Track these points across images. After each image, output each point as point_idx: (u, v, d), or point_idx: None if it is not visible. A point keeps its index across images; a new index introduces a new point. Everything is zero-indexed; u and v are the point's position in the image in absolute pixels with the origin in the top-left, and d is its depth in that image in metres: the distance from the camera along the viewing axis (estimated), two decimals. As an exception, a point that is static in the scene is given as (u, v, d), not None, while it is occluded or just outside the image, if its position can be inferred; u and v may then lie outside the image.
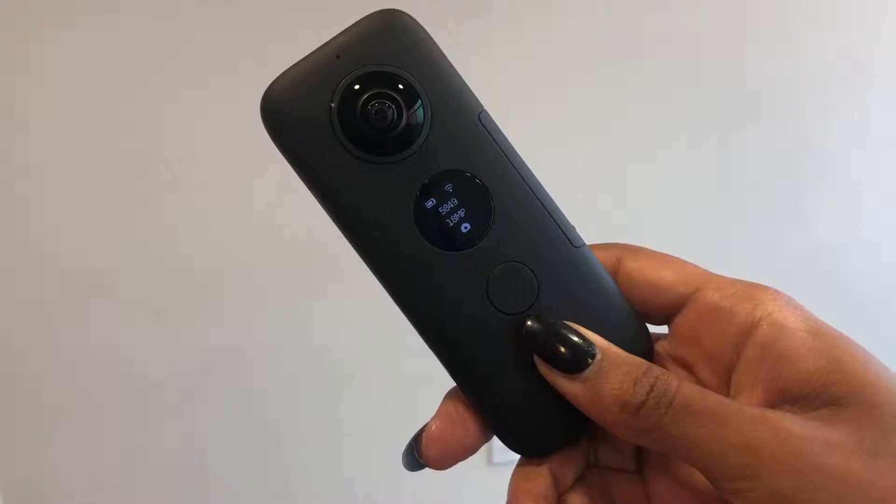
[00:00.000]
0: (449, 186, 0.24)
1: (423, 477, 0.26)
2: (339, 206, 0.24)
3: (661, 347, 0.26)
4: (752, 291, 0.24)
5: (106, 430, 0.88)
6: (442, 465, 0.25)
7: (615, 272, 0.26)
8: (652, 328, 0.27)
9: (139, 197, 0.82)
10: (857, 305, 0.99)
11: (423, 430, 0.25)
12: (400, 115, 0.23)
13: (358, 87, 0.23)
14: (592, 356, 0.23)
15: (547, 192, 0.25)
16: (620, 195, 0.92)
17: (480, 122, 0.24)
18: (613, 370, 0.22)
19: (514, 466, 0.26)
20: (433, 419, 0.25)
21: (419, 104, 0.24)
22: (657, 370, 0.22)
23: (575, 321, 0.24)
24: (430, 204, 0.24)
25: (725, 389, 0.24)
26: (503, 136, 0.25)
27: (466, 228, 0.24)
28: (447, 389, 0.26)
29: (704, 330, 0.24)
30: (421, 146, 0.24)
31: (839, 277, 0.98)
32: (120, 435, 0.89)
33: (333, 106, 0.23)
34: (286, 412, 0.91)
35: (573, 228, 0.25)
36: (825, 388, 0.21)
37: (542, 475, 0.25)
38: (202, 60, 0.80)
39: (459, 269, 0.24)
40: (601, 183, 0.90)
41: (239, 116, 0.81)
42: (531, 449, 0.25)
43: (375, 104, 0.23)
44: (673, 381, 0.22)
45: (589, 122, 0.89)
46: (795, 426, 0.20)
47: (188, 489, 0.92)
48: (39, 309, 0.84)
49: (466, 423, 0.25)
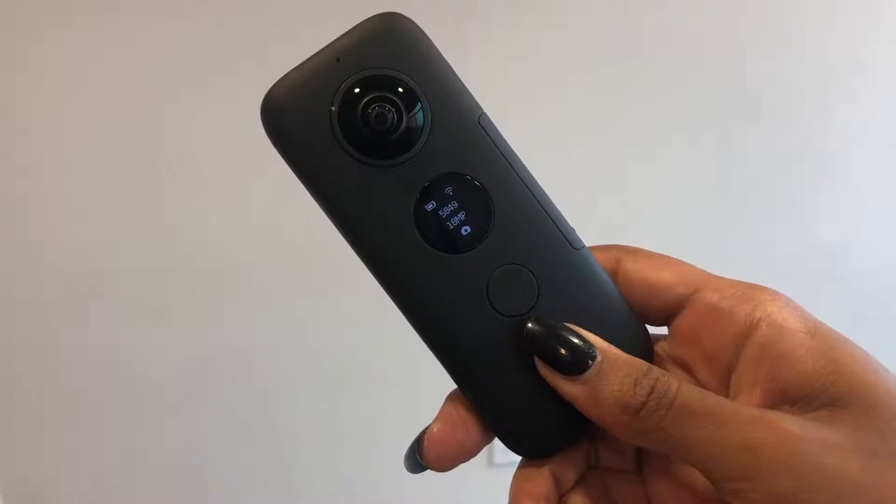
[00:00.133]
0: (449, 189, 0.24)
1: (423, 478, 0.26)
2: (339, 209, 0.24)
3: (660, 348, 0.27)
4: (751, 292, 0.24)
5: (106, 430, 0.88)
6: (443, 467, 0.25)
7: (614, 273, 0.26)
8: (651, 329, 0.27)
9: (139, 197, 0.82)
10: (857, 305, 0.99)
11: (424, 432, 0.25)
12: (400, 118, 0.23)
13: (358, 90, 0.23)
14: (592, 358, 0.23)
15: (546, 194, 0.25)
16: (620, 195, 0.92)
17: (480, 124, 0.24)
18: (613, 372, 0.22)
19: (515, 468, 0.26)
20: (434, 421, 0.25)
21: (419, 107, 0.24)
22: (657, 371, 0.22)
23: (575, 323, 0.24)
24: (430, 207, 0.24)
25: (725, 390, 0.24)
26: (503, 138, 0.25)
27: (467, 231, 0.24)
28: (447, 390, 0.26)
29: (704, 331, 0.24)
30: (421, 149, 0.24)
31: (839, 277, 0.98)
32: (120, 435, 0.89)
33: (334, 109, 0.23)
34: (286, 412, 0.91)
35: (573, 230, 0.25)
36: (824, 388, 0.21)
37: (543, 476, 0.25)
38: (202, 60, 0.80)
39: (460, 271, 0.24)
40: (601, 183, 0.90)
41: (239, 116, 0.81)
42: (532, 450, 0.25)
43: (375, 107, 0.23)
44: (673, 382, 0.22)
45: (589, 122, 0.89)
46: (794, 427, 0.20)
47: (188, 489, 0.92)
48: (39, 309, 0.84)
49: (468, 425, 0.25)
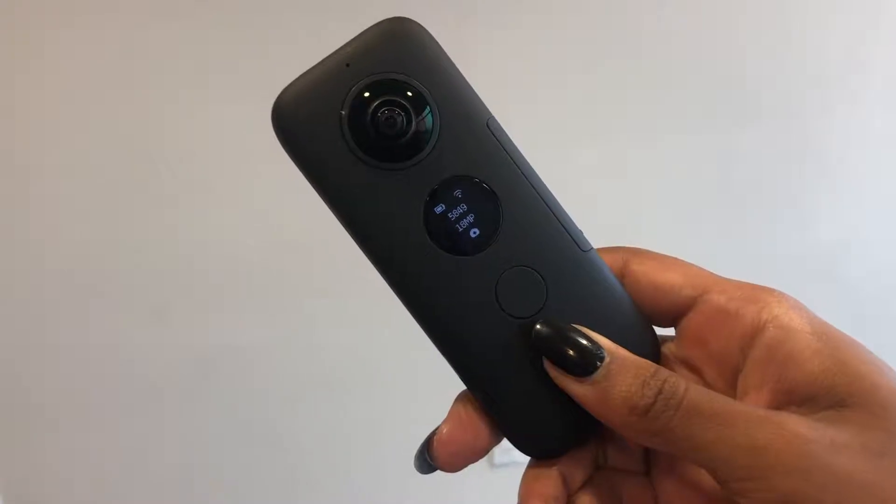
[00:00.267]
0: (458, 192, 0.24)
1: (424, 478, 0.26)
2: (349, 212, 0.24)
3: (667, 349, 0.27)
4: (757, 294, 0.24)
5: (106, 430, 0.88)
6: (453, 467, 0.25)
7: (622, 275, 0.26)
8: (658, 330, 0.27)
9: (139, 197, 0.82)
10: (857, 305, 0.99)
11: (433, 433, 0.25)
12: (409, 121, 0.23)
13: (367, 94, 0.23)
14: (601, 359, 0.23)
15: (555, 197, 0.25)
16: (620, 195, 0.92)
17: (488, 128, 0.24)
18: (622, 373, 0.23)
19: (515, 468, 0.26)
20: (444, 423, 0.25)
21: (428, 111, 0.24)
22: (665, 373, 0.22)
23: (583, 324, 0.24)
24: (439, 209, 0.24)
25: (732, 391, 0.24)
26: (511, 142, 0.25)
27: (476, 233, 0.24)
28: (448, 390, 0.26)
29: (711, 332, 0.24)
30: (430, 152, 0.24)
31: (839, 277, 0.98)
32: (120, 435, 0.89)
33: (344, 113, 0.23)
34: (286, 412, 0.91)
35: (581, 233, 0.25)
36: (831, 389, 0.21)
37: (552, 477, 0.25)
38: (202, 60, 0.80)
39: (469, 273, 0.24)
40: (601, 183, 0.91)
41: (239, 116, 0.81)
42: (541, 451, 0.26)
43: (385, 111, 0.23)
44: (681, 383, 0.22)
45: (589, 122, 0.89)
46: (802, 427, 0.20)
47: (188, 489, 0.92)
48: (39, 309, 0.84)
49: (477, 425, 0.25)
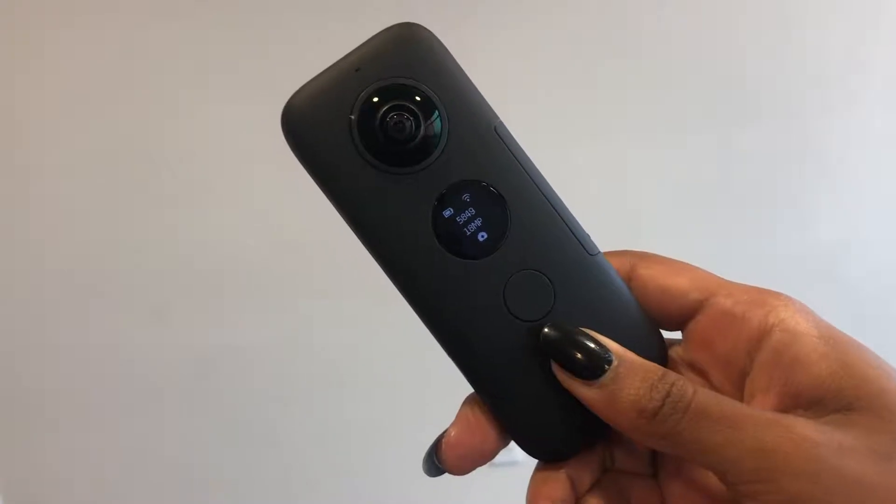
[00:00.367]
0: (466, 196, 0.24)
1: (423, 477, 0.26)
2: (358, 215, 0.24)
3: (674, 353, 0.27)
4: (764, 298, 0.24)
5: (106, 430, 0.88)
6: (461, 470, 0.25)
7: (629, 279, 0.26)
8: (665, 334, 0.27)
9: (139, 197, 0.82)
10: (857, 305, 0.99)
11: (442, 436, 0.25)
12: (418, 126, 0.24)
13: (377, 99, 0.24)
14: (609, 362, 0.23)
15: (562, 200, 0.25)
16: (620, 195, 0.92)
17: (496, 132, 0.25)
18: (630, 376, 0.23)
19: (516, 468, 0.26)
20: (452, 425, 0.25)
21: (436, 115, 0.24)
22: (673, 376, 0.23)
23: (591, 328, 0.24)
24: (447, 213, 0.24)
25: (739, 394, 0.24)
26: (518, 146, 0.25)
27: (483, 237, 0.24)
28: (448, 389, 0.26)
29: (718, 336, 0.25)
30: (438, 157, 0.24)
31: (839, 277, 0.98)
32: (120, 435, 0.89)
33: (353, 118, 0.24)
34: (286, 412, 0.91)
35: (588, 237, 0.26)
36: (838, 392, 0.21)
37: (560, 480, 0.25)
38: (202, 60, 0.80)
39: (477, 276, 0.24)
40: (601, 183, 0.91)
41: (239, 117, 0.81)
42: (549, 454, 0.26)
43: (394, 116, 0.23)
44: (689, 386, 0.22)
45: (589, 122, 0.89)
46: (810, 430, 0.21)
47: (188, 489, 0.92)
48: (39, 309, 0.84)
49: (485, 428, 0.25)
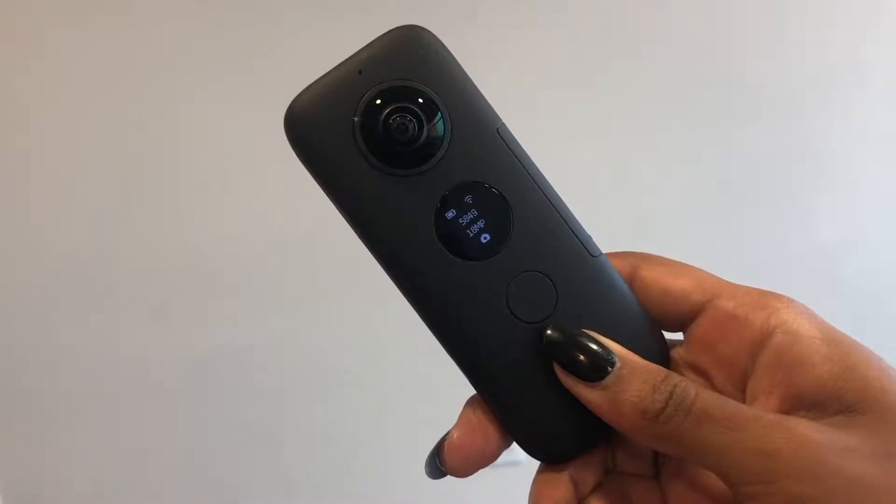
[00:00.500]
0: (468, 198, 0.24)
1: (423, 477, 0.26)
2: (360, 217, 0.24)
3: (676, 354, 0.27)
4: (766, 300, 0.24)
5: (106, 430, 0.88)
6: (464, 473, 0.25)
7: (631, 280, 0.26)
8: (666, 335, 0.27)
9: (139, 197, 0.82)
10: (857, 305, 0.99)
11: (444, 438, 0.25)
12: (420, 128, 0.24)
13: (379, 101, 0.24)
14: (611, 364, 0.23)
15: (564, 202, 0.25)
16: (620, 195, 0.92)
17: (499, 134, 0.25)
18: (632, 378, 0.23)
19: (516, 468, 0.26)
20: (454, 428, 0.25)
21: (439, 118, 0.24)
22: (675, 377, 0.23)
23: (593, 329, 0.24)
24: (450, 215, 0.24)
25: (741, 396, 0.24)
26: (521, 147, 0.25)
27: (486, 239, 0.25)
28: (449, 389, 0.26)
29: (720, 337, 0.25)
30: (441, 159, 0.24)
31: (839, 277, 0.98)
32: (120, 435, 0.89)
33: (356, 120, 0.24)
34: (286, 412, 0.91)
35: (590, 238, 0.26)
36: (839, 394, 0.22)
37: (562, 482, 0.25)
38: (202, 60, 0.80)
39: (479, 278, 0.25)
40: (601, 183, 0.91)
41: (239, 116, 0.81)
42: (552, 456, 0.26)
43: (397, 118, 0.23)
44: (691, 388, 0.22)
45: (589, 121, 0.89)
46: (812, 432, 0.21)
47: (188, 489, 0.92)
48: (39, 308, 0.84)
49: (487, 431, 0.25)
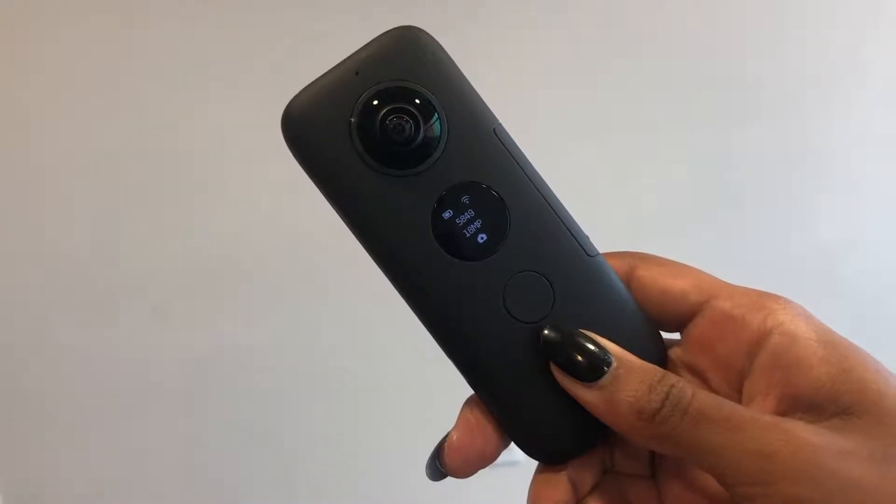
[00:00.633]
0: (465, 198, 0.24)
1: (423, 476, 0.26)
2: (358, 217, 0.24)
3: (673, 354, 0.27)
4: (763, 301, 0.24)
5: (106, 430, 0.88)
6: (464, 474, 0.25)
7: (628, 280, 0.26)
8: (664, 335, 0.27)
9: (139, 197, 0.82)
10: (857, 305, 0.99)
11: (444, 440, 0.25)
12: (417, 128, 0.24)
13: (376, 102, 0.24)
14: (608, 364, 0.23)
15: (561, 202, 0.25)
16: (620, 195, 0.92)
17: (496, 135, 0.25)
18: (629, 378, 0.23)
19: (515, 467, 0.26)
20: (453, 429, 0.25)
21: (436, 118, 0.24)
22: (672, 378, 0.23)
23: (590, 329, 0.24)
24: (447, 215, 0.24)
25: (737, 397, 0.24)
26: (518, 148, 0.25)
27: (483, 239, 0.25)
28: (449, 389, 0.26)
29: (717, 338, 0.25)
30: (438, 159, 0.24)
31: (839, 277, 0.98)
32: (120, 435, 0.89)
33: (353, 120, 0.24)
34: (286, 412, 0.91)
35: (587, 238, 0.26)
36: (836, 396, 0.22)
37: (561, 482, 0.25)
38: (203, 60, 0.80)
39: (477, 278, 0.25)
40: (600, 183, 0.90)
41: (239, 116, 0.81)
42: (550, 456, 0.26)
43: (394, 118, 0.23)
44: (688, 388, 0.22)
45: (589, 122, 0.89)
46: (809, 434, 0.21)
47: (188, 489, 0.92)
48: (40, 309, 0.84)
49: (486, 431, 0.25)
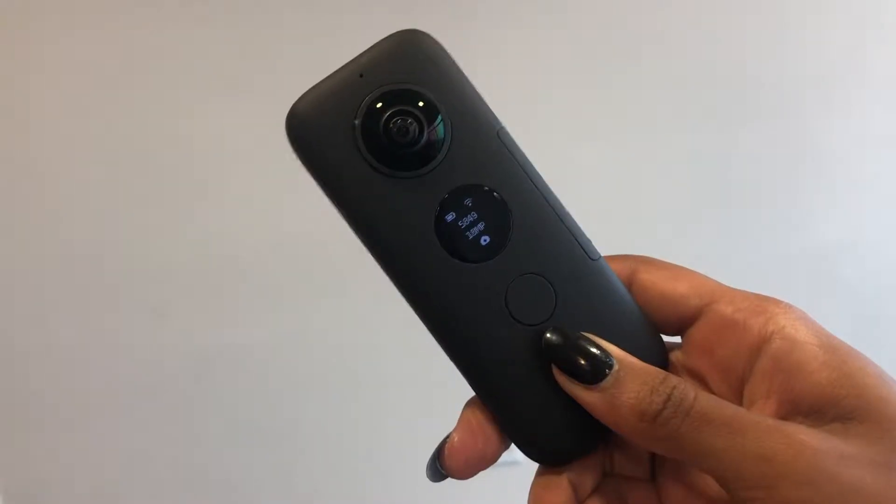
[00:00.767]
0: (468, 200, 0.24)
1: (422, 476, 0.26)
2: (361, 219, 0.24)
3: (674, 358, 0.27)
4: (764, 305, 0.24)
5: (106, 430, 0.88)
6: (465, 475, 0.25)
7: (630, 284, 0.26)
8: (664, 338, 0.27)
9: (139, 197, 0.82)
10: (857, 305, 0.99)
11: (444, 442, 0.25)
12: (421, 131, 0.24)
13: (380, 104, 0.24)
14: (610, 367, 0.23)
15: (563, 205, 0.26)
16: (620, 195, 0.92)
17: (499, 138, 0.25)
18: (630, 380, 0.23)
19: (515, 467, 0.26)
20: (454, 431, 0.25)
21: (439, 121, 0.24)
22: (674, 380, 0.23)
23: (592, 332, 0.24)
24: (450, 217, 0.24)
25: (738, 400, 0.24)
26: (521, 151, 0.25)
27: (486, 241, 0.25)
28: (448, 389, 0.26)
29: (717, 342, 0.25)
30: (441, 161, 0.24)
31: (839, 277, 0.98)
32: (120, 435, 0.89)
33: (357, 122, 0.24)
34: (286, 412, 0.91)
35: (590, 241, 0.26)
36: (837, 401, 0.22)
37: (562, 485, 0.25)
38: (202, 60, 0.80)
39: (479, 280, 0.25)
40: (600, 183, 0.90)
41: (239, 116, 0.81)
42: (550, 458, 0.26)
43: (397, 121, 0.24)
44: (690, 390, 0.22)
45: (589, 122, 0.89)
46: (811, 438, 0.21)
47: (188, 489, 0.92)
48: (39, 309, 0.84)
49: (487, 433, 0.25)
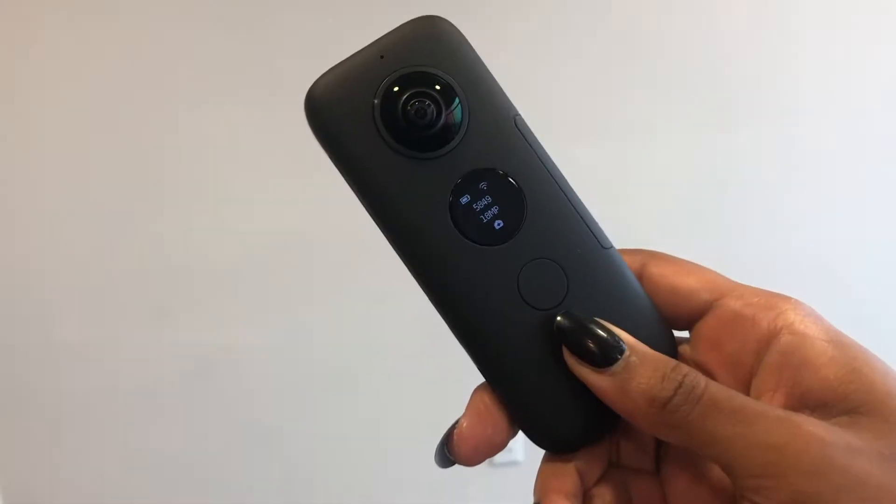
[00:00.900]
0: (483, 184, 0.25)
1: (423, 476, 0.27)
2: (376, 198, 0.24)
3: (682, 351, 0.27)
4: (774, 301, 0.24)
5: (106, 430, 0.88)
6: (473, 461, 0.25)
7: (639, 277, 0.26)
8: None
9: (140, 197, 0.82)
10: (857, 305, 0.99)
11: (453, 427, 0.25)
12: (439, 113, 0.24)
13: (400, 85, 0.24)
14: (621, 351, 0.23)
15: (577, 194, 0.26)
16: (620, 195, 0.92)
17: (515, 124, 0.25)
18: (642, 365, 0.23)
19: (515, 467, 0.26)
20: (463, 417, 0.25)
21: (457, 104, 0.24)
22: (685, 368, 0.23)
23: (603, 318, 0.24)
24: (465, 200, 0.25)
25: (746, 394, 0.24)
26: (536, 139, 0.25)
27: (500, 225, 0.25)
28: (447, 390, 0.26)
29: (726, 336, 0.25)
30: (458, 144, 0.25)
31: (839, 277, 0.98)
32: (120, 435, 0.89)
33: (376, 102, 0.24)
34: (286, 412, 0.91)
35: (602, 230, 0.26)
36: (844, 396, 0.22)
37: (569, 473, 0.25)
38: (203, 61, 0.80)
39: (492, 263, 0.25)
40: (600, 183, 0.91)
41: (241, 117, 0.81)
42: (558, 444, 0.26)
43: (416, 102, 0.24)
44: (701, 379, 0.22)
45: (589, 122, 0.89)
46: (819, 429, 0.21)
47: (188, 489, 0.92)
48: (39, 309, 0.84)
49: (495, 419, 0.25)
